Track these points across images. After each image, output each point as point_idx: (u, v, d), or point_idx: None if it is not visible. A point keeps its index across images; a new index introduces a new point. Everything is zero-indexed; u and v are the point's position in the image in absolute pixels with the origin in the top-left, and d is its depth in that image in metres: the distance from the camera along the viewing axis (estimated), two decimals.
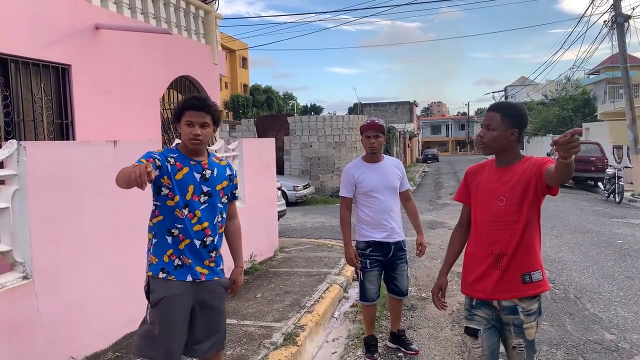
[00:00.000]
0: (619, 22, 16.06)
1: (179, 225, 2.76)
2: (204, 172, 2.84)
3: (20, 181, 3.46)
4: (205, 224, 2.81)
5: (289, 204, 14.12)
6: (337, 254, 7.89)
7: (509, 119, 2.65)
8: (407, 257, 4.36)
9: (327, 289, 6.01)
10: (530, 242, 2.64)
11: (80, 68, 5.48)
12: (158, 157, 2.71)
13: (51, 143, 4.54)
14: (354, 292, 6.26)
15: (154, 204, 2.81)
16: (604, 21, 16.87)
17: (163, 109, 7.16)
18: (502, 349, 2.77)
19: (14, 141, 3.47)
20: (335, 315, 5.58)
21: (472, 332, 2.77)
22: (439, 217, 12.31)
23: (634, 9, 28.38)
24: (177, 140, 3.98)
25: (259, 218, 7.18)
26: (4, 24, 4.48)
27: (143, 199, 4.60)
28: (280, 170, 17.69)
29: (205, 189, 2.82)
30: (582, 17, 17.39)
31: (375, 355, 4.33)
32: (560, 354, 4.25)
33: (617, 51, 16.60)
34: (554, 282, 6.40)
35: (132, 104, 6.24)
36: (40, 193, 3.57)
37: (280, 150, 18.14)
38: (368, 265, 4.22)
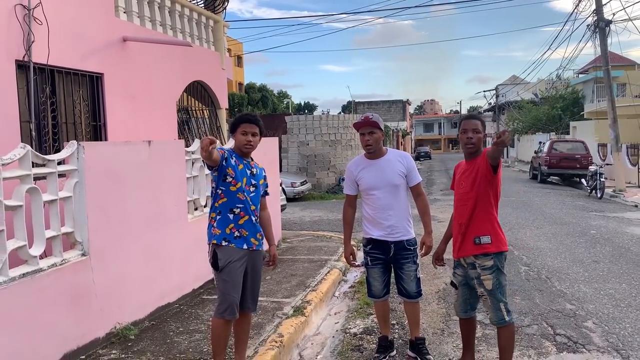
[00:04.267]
0: (600, 26, 16.90)
1: (240, 205, 3.59)
2: (252, 170, 3.71)
3: (79, 175, 4.19)
4: (254, 207, 3.70)
5: (287, 199, 14.83)
6: (336, 244, 8.64)
7: (484, 126, 3.72)
8: (417, 257, 4.13)
9: (328, 272, 6.76)
10: (482, 214, 3.56)
11: (111, 76, 6.21)
12: (227, 152, 3.56)
13: (102, 143, 5.29)
14: (352, 275, 7.03)
15: (219, 189, 3.59)
16: (587, 25, 17.72)
17: (180, 111, 7.89)
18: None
19: (75, 142, 4.20)
20: (336, 295, 6.33)
21: (453, 285, 3.86)
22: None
23: (614, 14, 29.36)
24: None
25: None
26: (54, 42, 5.20)
27: (172, 189, 5.37)
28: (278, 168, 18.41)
29: (253, 182, 3.69)
30: (567, 20, 18.20)
31: (381, 357, 4.20)
32: (527, 320, 5.06)
33: (600, 54, 17.44)
34: (530, 265, 7.21)
35: (154, 107, 6.98)
36: (94, 185, 4.30)
37: (278, 148, 18.88)
38: (369, 263, 4.18)
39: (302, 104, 68.26)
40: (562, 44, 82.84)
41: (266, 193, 3.89)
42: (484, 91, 55.73)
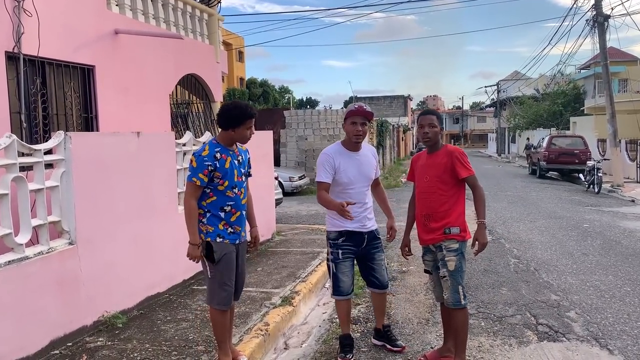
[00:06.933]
0: (599, 21, 16.88)
1: (231, 202, 3.57)
2: (237, 158, 3.67)
3: (66, 164, 4.25)
4: (247, 199, 3.72)
5: (285, 194, 14.84)
6: None
7: (439, 119, 3.83)
8: (383, 245, 4.21)
9: (319, 264, 6.81)
10: (450, 207, 3.71)
11: (102, 68, 6.27)
12: (210, 162, 3.47)
13: (90, 133, 5.34)
14: None
15: (207, 188, 3.53)
16: (586, 20, 17.69)
17: (171, 103, 7.94)
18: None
19: (62, 132, 4.25)
20: (326, 286, 6.37)
21: (427, 272, 4.02)
22: None
23: (612, 9, 29.31)
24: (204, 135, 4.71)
25: (257, 203, 7.91)
26: (45, 34, 5.25)
27: (161, 180, 5.43)
28: (276, 162, 18.38)
29: (242, 171, 3.68)
30: (566, 15, 18.17)
31: (348, 356, 4.05)
32: (511, 310, 5.12)
33: (599, 49, 17.42)
34: (519, 258, 7.27)
35: (146, 99, 7.04)
36: (82, 174, 4.35)
37: (276, 142, 18.88)
38: (340, 256, 3.98)
39: (304, 99, 68.28)
40: (562, 40, 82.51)
41: (249, 174, 3.85)
42: (485, 87, 55.61)
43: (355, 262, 4.12)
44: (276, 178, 10.99)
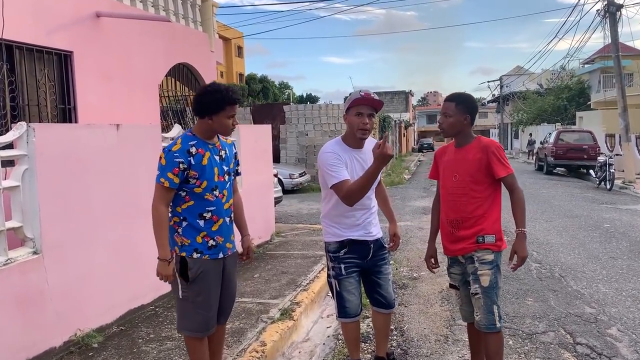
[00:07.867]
0: (611, 11, 16.23)
1: (211, 208, 2.94)
2: (220, 153, 3.02)
3: (29, 161, 3.65)
4: (231, 201, 3.07)
5: (285, 191, 14.28)
6: None
7: (461, 106, 3.14)
8: (389, 255, 3.62)
9: (322, 269, 6.22)
10: (485, 211, 3.11)
11: (82, 54, 5.66)
12: (181, 159, 2.84)
13: (58, 125, 4.74)
14: None
15: (181, 191, 2.91)
16: (597, 10, 17.05)
17: (164, 96, 7.32)
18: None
19: (24, 123, 3.65)
20: (330, 295, 5.79)
21: (453, 287, 3.41)
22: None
23: None
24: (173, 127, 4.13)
25: (256, 202, 7.35)
26: (11, 12, 4.64)
27: (146, 178, 4.80)
28: (276, 159, 17.79)
29: (225, 168, 3.03)
30: (575, 5, 17.54)
31: None
32: (542, 326, 4.50)
33: (610, 41, 16.78)
34: (541, 262, 6.66)
35: (132, 89, 6.42)
36: (49, 172, 3.75)
37: (276, 138, 18.28)
38: (344, 271, 3.36)
39: (304, 95, 67.53)
40: (569, 33, 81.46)
41: (237, 173, 3.24)
42: (488, 81, 55.00)
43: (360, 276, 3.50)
44: (275, 175, 10.41)
